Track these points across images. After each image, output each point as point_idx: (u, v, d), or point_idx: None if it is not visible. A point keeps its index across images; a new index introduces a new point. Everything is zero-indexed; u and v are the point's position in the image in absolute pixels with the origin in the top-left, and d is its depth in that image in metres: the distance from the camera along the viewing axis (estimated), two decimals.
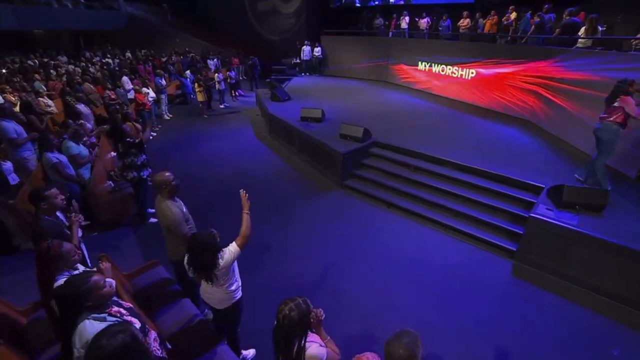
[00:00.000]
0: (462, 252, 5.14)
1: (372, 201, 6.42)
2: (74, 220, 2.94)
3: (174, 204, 3.19)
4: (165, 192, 3.15)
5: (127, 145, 4.94)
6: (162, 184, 3.13)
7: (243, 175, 7.60)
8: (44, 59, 15.40)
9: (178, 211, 3.14)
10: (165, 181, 3.12)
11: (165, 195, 3.17)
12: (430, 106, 10.26)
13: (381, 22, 15.58)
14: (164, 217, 3.12)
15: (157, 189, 3.15)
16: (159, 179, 3.13)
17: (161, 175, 3.15)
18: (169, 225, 3.11)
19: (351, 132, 7.05)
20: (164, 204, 3.14)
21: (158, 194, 3.24)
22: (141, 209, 5.45)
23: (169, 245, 3.39)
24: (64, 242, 2.29)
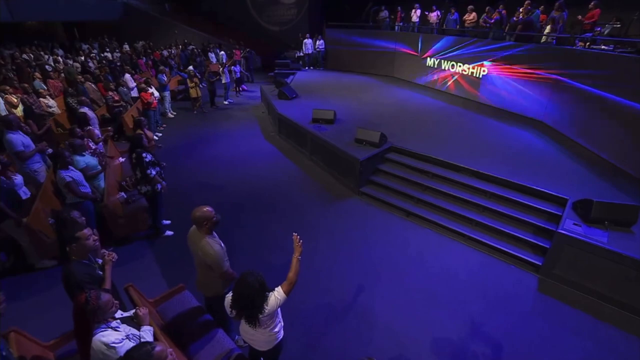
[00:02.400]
0: (486, 265, 5.07)
1: (391, 209, 6.31)
2: (108, 259, 2.79)
3: (214, 240, 3.03)
4: (206, 228, 2.97)
5: (141, 160, 4.74)
6: (203, 220, 2.94)
7: (254, 181, 7.43)
8: (40, 52, 14.92)
9: (219, 248, 2.98)
10: (207, 217, 2.94)
11: (205, 232, 2.99)
12: (442, 105, 10.09)
13: (386, 15, 15.23)
14: (204, 255, 2.95)
15: (197, 225, 2.97)
16: (199, 215, 2.93)
17: (201, 210, 2.95)
18: (210, 264, 2.95)
19: (367, 136, 6.90)
20: (204, 241, 2.96)
21: (195, 226, 3.06)
22: (156, 223, 5.29)
23: (202, 280, 3.24)
24: (101, 293, 2.15)
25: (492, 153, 6.73)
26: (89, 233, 2.68)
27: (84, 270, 2.65)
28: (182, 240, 5.40)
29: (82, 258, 2.69)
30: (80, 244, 2.61)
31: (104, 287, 2.68)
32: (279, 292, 2.52)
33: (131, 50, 18.08)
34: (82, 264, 2.64)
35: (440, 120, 8.78)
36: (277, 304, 2.50)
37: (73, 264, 2.60)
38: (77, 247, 2.62)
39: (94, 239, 2.70)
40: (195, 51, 17.92)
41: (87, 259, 2.73)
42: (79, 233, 2.61)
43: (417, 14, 14.45)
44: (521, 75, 8.93)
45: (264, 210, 6.40)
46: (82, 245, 2.63)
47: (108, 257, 2.82)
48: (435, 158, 6.58)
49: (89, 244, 2.67)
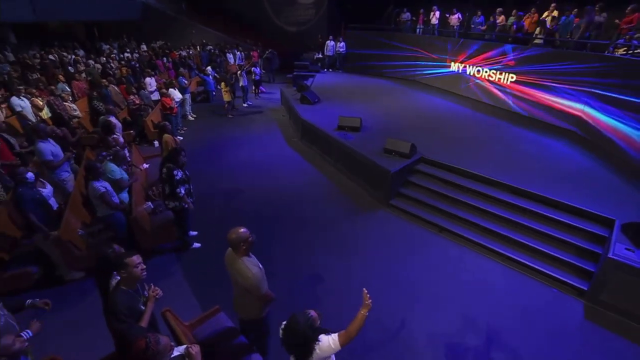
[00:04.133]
0: (527, 287, 4.83)
1: (423, 224, 6.10)
2: (152, 295, 2.66)
3: (251, 262, 2.90)
4: (243, 250, 2.84)
5: (171, 177, 4.60)
6: (239, 242, 2.81)
7: (279, 189, 7.29)
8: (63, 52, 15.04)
9: (258, 270, 2.85)
10: (243, 239, 2.81)
11: (242, 253, 2.86)
12: (468, 112, 9.81)
13: (408, 17, 14.94)
14: (242, 278, 2.82)
15: (233, 247, 2.84)
16: (235, 237, 2.80)
17: (236, 232, 2.82)
18: (248, 287, 2.82)
19: (397, 147, 6.69)
20: (241, 263, 2.83)
21: (230, 249, 2.93)
22: (184, 236, 5.18)
23: (240, 301, 3.10)
24: (160, 337, 2.01)
25: (528, 166, 6.47)
26: (138, 261, 2.55)
27: (127, 301, 2.52)
28: (210, 253, 5.38)
29: (131, 287, 2.56)
30: (129, 271, 2.49)
31: (141, 324, 2.55)
32: (335, 342, 2.32)
33: (149, 50, 18.14)
34: (127, 294, 2.51)
35: (469, 128, 8.52)
36: (330, 352, 2.32)
37: (119, 293, 2.47)
38: (126, 274, 2.50)
39: (142, 267, 2.57)
40: (214, 52, 17.87)
41: (134, 289, 2.60)
42: (127, 259, 2.48)
43: (436, 16, 14.13)
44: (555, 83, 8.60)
45: (290, 221, 6.24)
46: (131, 273, 2.51)
47: (152, 292, 2.69)
48: (468, 171, 6.34)
49: (137, 272, 2.54)
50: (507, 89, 9.96)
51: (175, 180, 4.57)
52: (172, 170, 4.57)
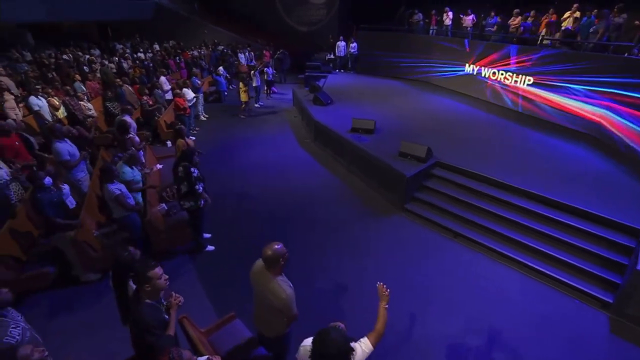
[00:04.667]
0: (546, 297, 4.70)
1: (438, 229, 5.99)
2: (174, 303, 2.62)
3: (285, 281, 2.76)
4: (279, 268, 2.70)
5: (189, 175, 4.58)
6: (278, 259, 2.65)
7: (291, 191, 7.25)
8: (78, 52, 15.21)
9: (291, 291, 2.71)
10: (281, 255, 2.66)
11: (277, 272, 2.71)
12: (484, 116, 9.65)
13: (420, 18, 14.78)
14: (275, 298, 2.67)
15: (268, 264, 2.67)
16: (272, 255, 2.62)
17: (272, 249, 2.64)
18: (280, 307, 2.69)
19: (413, 151, 6.59)
20: (275, 283, 2.68)
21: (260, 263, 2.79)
22: (198, 238, 5.15)
23: (265, 318, 2.96)
24: (182, 351, 1.97)
25: (546, 171, 6.32)
26: (161, 272, 2.50)
27: (154, 314, 2.47)
28: (224, 255, 5.36)
29: (154, 298, 2.51)
30: (153, 284, 2.44)
31: (168, 333, 2.50)
32: (366, 344, 2.26)
33: (162, 50, 18.24)
34: (152, 307, 2.47)
35: (483, 131, 8.38)
36: (364, 357, 2.25)
37: (144, 308, 2.41)
38: (150, 287, 2.45)
39: (165, 278, 2.52)
40: (226, 52, 17.90)
41: (157, 300, 2.56)
42: (150, 273, 2.43)
43: (449, 17, 13.96)
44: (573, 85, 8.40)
45: (304, 224, 6.19)
46: (155, 286, 2.46)
47: (175, 300, 2.64)
48: (484, 175, 6.22)
49: (161, 284, 2.49)
50: (524, 91, 9.77)
51: (193, 177, 4.55)
52: (188, 168, 4.55)
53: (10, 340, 2.49)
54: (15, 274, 4.22)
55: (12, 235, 4.51)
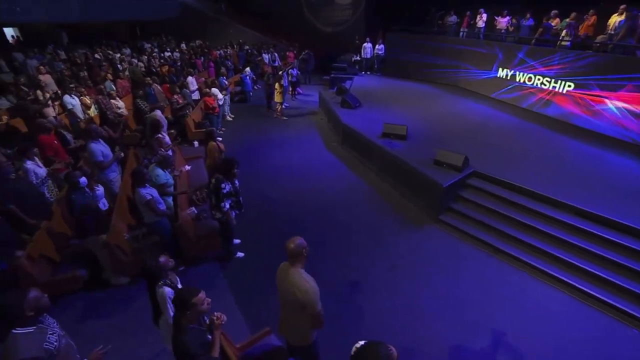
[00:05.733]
0: (599, 323, 4.34)
1: (475, 243, 5.69)
2: (218, 323, 2.48)
3: (308, 275, 2.72)
4: (301, 260, 2.71)
5: (219, 190, 4.45)
6: (300, 250, 2.68)
7: (320, 195, 7.07)
8: (108, 51, 15.51)
9: (315, 284, 2.66)
10: (303, 246, 2.71)
11: (300, 264, 2.73)
12: (518, 122, 9.22)
13: (454, 20, 14.36)
14: (300, 292, 2.61)
15: (293, 257, 2.70)
16: (294, 247, 2.67)
17: (294, 242, 2.69)
18: (304, 302, 2.60)
19: (449, 159, 6.30)
20: (299, 275, 2.66)
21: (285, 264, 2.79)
22: (228, 246, 5.03)
23: (290, 322, 2.88)
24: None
25: (593, 184, 5.92)
26: (204, 296, 2.37)
27: (198, 339, 2.33)
28: (254, 262, 5.21)
29: (196, 322, 2.38)
30: (196, 309, 2.31)
31: (213, 355, 2.36)
32: None
33: (188, 49, 18.43)
34: (196, 332, 2.33)
35: (521, 139, 7.96)
36: None
37: (189, 336, 2.27)
38: (194, 314, 2.32)
39: (207, 302, 2.39)
40: (252, 52, 17.92)
41: (198, 323, 2.42)
42: (195, 299, 2.29)
43: (483, 19, 13.48)
44: (621, 96, 7.90)
45: (333, 230, 6.01)
46: (198, 311, 2.33)
47: (217, 320, 2.50)
48: (526, 188, 5.86)
49: (204, 309, 2.36)
50: (564, 98, 9.28)
51: (222, 193, 4.41)
52: (220, 183, 4.41)
53: (49, 347, 2.42)
54: (49, 276, 4.19)
55: (47, 235, 4.50)
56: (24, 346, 2.18)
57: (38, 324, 2.38)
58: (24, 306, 2.21)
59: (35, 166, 5.04)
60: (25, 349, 2.17)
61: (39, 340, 2.29)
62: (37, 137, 5.83)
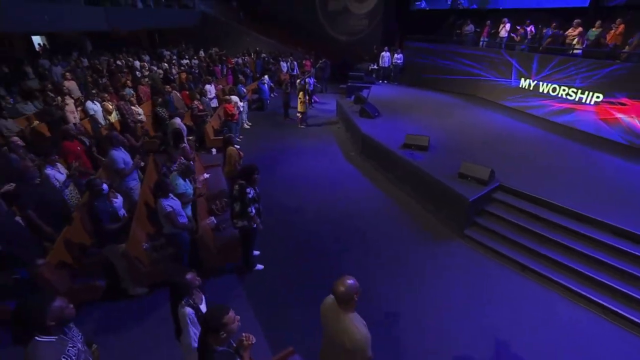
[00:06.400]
0: (637, 349, 4.05)
1: (502, 260, 5.45)
2: (247, 344, 2.35)
3: (359, 319, 2.45)
4: (351, 305, 2.42)
5: (244, 196, 4.35)
6: (351, 296, 2.38)
7: (338, 206, 6.92)
8: (128, 58, 15.80)
9: (367, 331, 2.40)
10: (354, 291, 2.39)
11: (351, 309, 2.44)
12: (543, 134, 8.92)
13: (471, 30, 14.17)
14: (349, 340, 2.35)
15: (341, 301, 2.40)
16: (345, 291, 2.36)
17: (345, 284, 2.38)
18: (354, 349, 2.36)
19: (474, 172, 6.09)
20: (349, 322, 2.38)
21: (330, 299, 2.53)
22: (248, 257, 4.92)
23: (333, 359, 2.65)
24: None
25: (632, 202, 5.61)
26: (234, 314, 2.24)
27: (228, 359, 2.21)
28: (272, 276, 5.07)
29: (225, 344, 2.24)
30: (228, 329, 2.18)
31: None
32: None
33: (206, 57, 18.65)
34: (224, 355, 2.19)
35: (547, 152, 7.69)
36: None
37: (217, 357, 2.14)
38: (225, 334, 2.18)
39: (237, 320, 2.26)
40: (269, 60, 18.02)
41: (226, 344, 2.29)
42: (226, 318, 2.17)
43: (506, 29, 13.25)
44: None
45: (353, 244, 5.85)
46: (229, 331, 2.20)
47: (247, 341, 2.37)
48: (557, 204, 5.60)
49: (235, 328, 2.23)
50: (592, 110, 8.97)
51: (248, 198, 4.33)
52: (244, 188, 4.33)
53: None
54: (68, 284, 4.14)
55: (67, 243, 4.47)
56: (42, 355, 2.12)
57: (61, 335, 2.29)
58: (46, 315, 2.12)
59: (55, 172, 5.05)
60: (42, 358, 2.11)
61: (58, 351, 2.21)
62: (61, 143, 5.88)
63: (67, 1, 13.86)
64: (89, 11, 14.79)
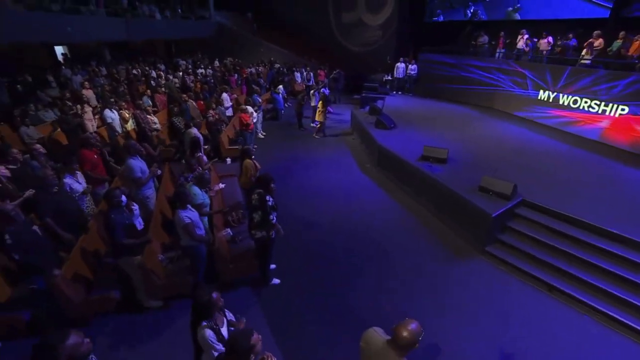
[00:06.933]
0: None
1: (527, 279, 5.22)
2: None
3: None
4: (406, 350, 2.23)
5: (264, 204, 4.27)
6: (411, 343, 2.20)
7: (355, 219, 6.79)
8: (145, 67, 16.08)
9: None
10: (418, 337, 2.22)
11: (404, 354, 2.24)
12: (565, 148, 8.67)
13: (485, 41, 14.05)
14: None
15: (401, 346, 2.22)
16: (409, 337, 2.18)
17: (409, 330, 2.20)
18: None
19: (496, 187, 5.91)
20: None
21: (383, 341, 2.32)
22: (265, 271, 4.80)
23: None
24: None
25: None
26: (258, 335, 2.14)
27: None
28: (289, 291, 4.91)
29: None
30: (255, 350, 2.08)
31: None
32: None
33: (221, 66, 18.88)
34: None
35: (569, 166, 7.43)
36: None
37: None
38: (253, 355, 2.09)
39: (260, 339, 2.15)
40: (282, 70, 18.14)
41: None
42: (253, 339, 2.07)
43: (524, 40, 13.09)
44: None
45: (371, 258, 5.69)
46: (256, 352, 2.10)
47: None
48: (584, 221, 5.37)
49: (260, 348, 2.13)
50: (615, 122, 8.70)
51: (269, 206, 4.24)
52: (264, 196, 4.25)
53: None
54: (83, 296, 4.08)
55: (83, 252, 4.43)
56: None
57: None
58: (60, 353, 2.02)
59: (73, 181, 5.04)
60: None
61: None
62: (80, 150, 5.89)
63: (90, 13, 14.26)
64: (110, 22, 15.24)
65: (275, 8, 24.06)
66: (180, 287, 4.42)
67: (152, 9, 18.48)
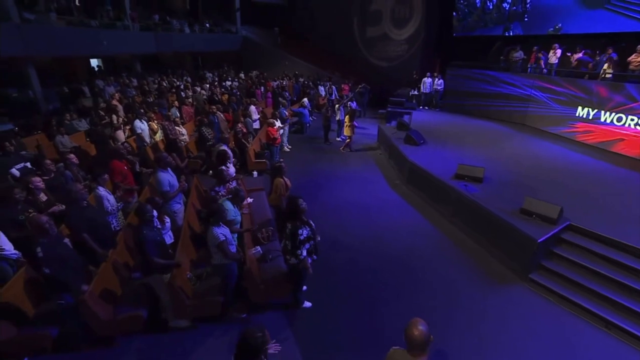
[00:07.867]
0: None
1: (579, 312, 4.78)
2: None
3: None
4: (427, 350, 2.25)
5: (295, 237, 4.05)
6: (426, 342, 2.21)
7: (386, 239, 6.49)
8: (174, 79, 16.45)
9: None
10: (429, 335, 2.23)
11: (425, 355, 2.25)
12: (610, 168, 8.13)
13: (521, 56, 13.64)
14: None
15: (415, 347, 2.22)
16: (420, 336, 2.20)
17: (419, 329, 2.22)
18: None
19: (540, 209, 5.53)
20: None
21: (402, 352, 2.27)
22: (296, 294, 4.57)
23: None
24: None
25: None
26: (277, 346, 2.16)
27: None
28: (320, 316, 4.59)
29: None
30: None
31: None
32: None
33: (246, 79, 19.11)
34: None
35: (621, 189, 6.90)
36: None
37: None
38: None
39: None
40: (307, 84, 18.19)
41: None
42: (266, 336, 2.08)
43: (557, 55, 12.65)
44: None
45: (403, 282, 5.37)
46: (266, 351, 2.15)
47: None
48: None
49: None
50: None
51: (299, 240, 4.02)
52: (297, 229, 4.03)
53: None
54: (110, 313, 3.94)
55: (112, 268, 4.32)
56: None
57: None
58: None
59: (107, 193, 5.00)
60: None
61: None
62: (110, 161, 5.89)
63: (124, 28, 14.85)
64: (141, 36, 15.88)
65: (301, 22, 24.38)
66: (210, 308, 4.23)
67: (182, 23, 19.01)
